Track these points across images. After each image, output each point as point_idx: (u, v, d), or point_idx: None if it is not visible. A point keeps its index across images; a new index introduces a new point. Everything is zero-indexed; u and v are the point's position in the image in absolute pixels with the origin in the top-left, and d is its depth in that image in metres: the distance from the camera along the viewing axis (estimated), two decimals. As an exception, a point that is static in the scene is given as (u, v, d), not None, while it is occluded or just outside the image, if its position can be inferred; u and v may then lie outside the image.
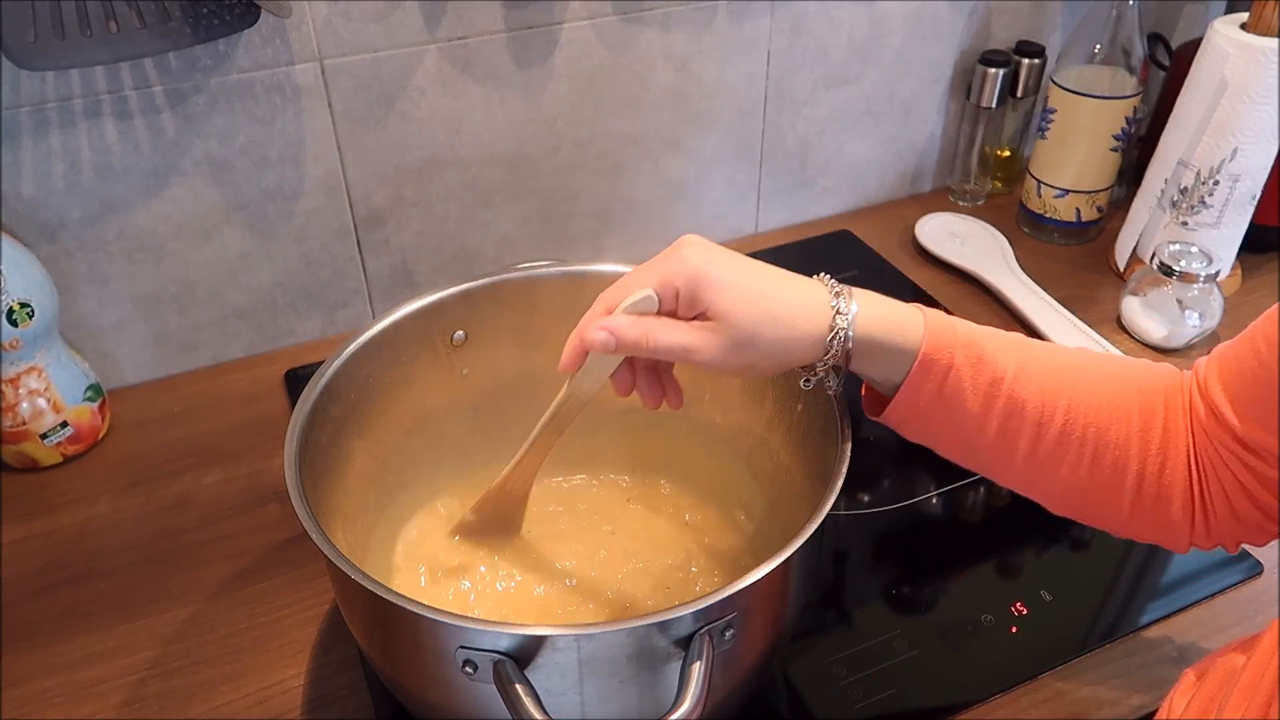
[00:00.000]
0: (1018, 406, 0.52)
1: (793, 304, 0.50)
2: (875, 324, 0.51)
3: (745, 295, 0.49)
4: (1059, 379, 0.52)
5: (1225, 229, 0.93)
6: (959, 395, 0.52)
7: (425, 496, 0.70)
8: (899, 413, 0.54)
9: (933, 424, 0.54)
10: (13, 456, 0.79)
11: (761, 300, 0.49)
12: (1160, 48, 1.11)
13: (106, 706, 0.63)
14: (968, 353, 0.51)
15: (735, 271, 0.49)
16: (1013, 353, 0.52)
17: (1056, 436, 0.52)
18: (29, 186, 0.76)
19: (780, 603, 0.53)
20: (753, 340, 0.49)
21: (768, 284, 0.50)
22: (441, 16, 0.82)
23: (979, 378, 0.51)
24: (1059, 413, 0.52)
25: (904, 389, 0.52)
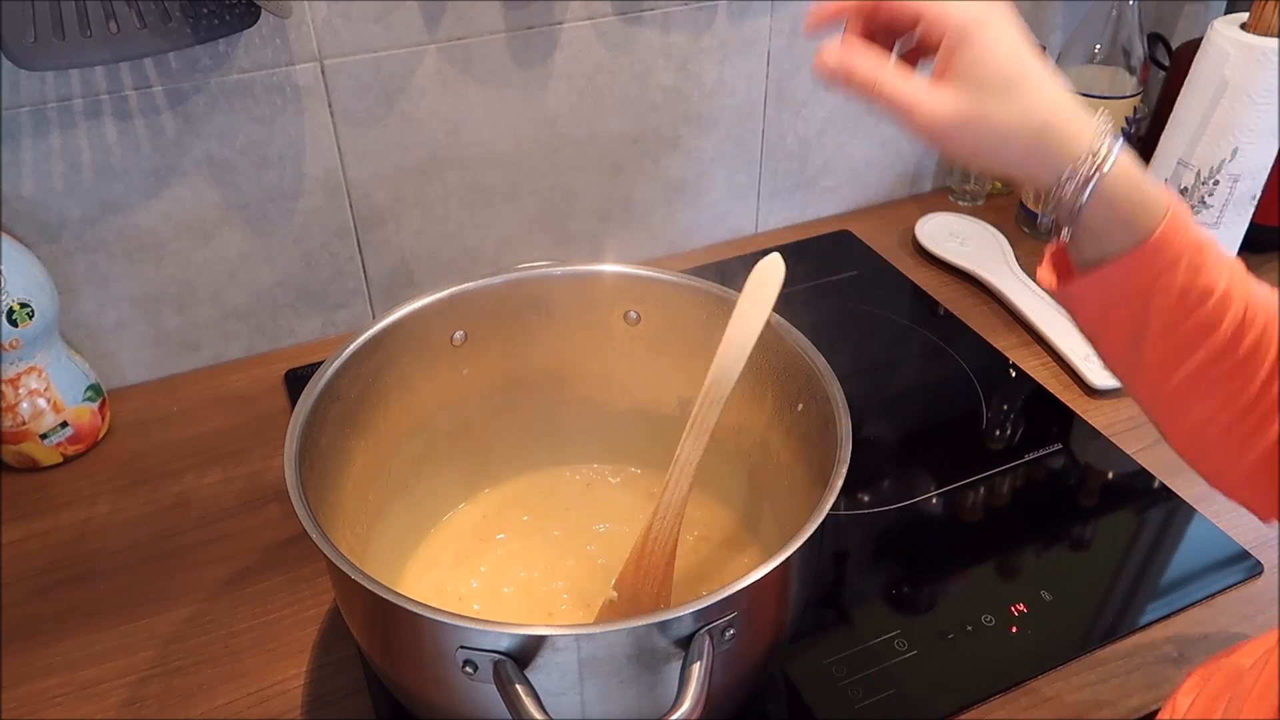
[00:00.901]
0: (1213, 326, 0.47)
1: (1048, 106, 0.45)
2: (1128, 174, 0.46)
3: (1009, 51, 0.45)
4: (1257, 309, 0.48)
5: (1225, 229, 0.93)
6: (1166, 294, 0.47)
7: (425, 496, 0.70)
8: (1094, 289, 0.49)
9: (1120, 314, 0.49)
10: (13, 456, 0.79)
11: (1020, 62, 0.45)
12: (1160, 48, 1.11)
13: (106, 706, 0.63)
14: (1193, 256, 0.47)
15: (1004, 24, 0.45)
16: (1227, 268, 0.48)
17: (1233, 367, 0.48)
18: (29, 186, 0.76)
19: (780, 603, 0.53)
20: (981, 108, 0.45)
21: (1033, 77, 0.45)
22: (441, 16, 0.82)
23: (1191, 285, 0.47)
24: (1245, 344, 0.48)
25: (1119, 264, 0.47)
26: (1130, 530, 0.75)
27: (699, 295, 0.65)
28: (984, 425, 0.85)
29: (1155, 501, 0.77)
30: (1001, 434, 0.84)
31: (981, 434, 0.84)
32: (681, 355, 0.68)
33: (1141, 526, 0.75)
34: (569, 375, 0.71)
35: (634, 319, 0.68)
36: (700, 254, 1.06)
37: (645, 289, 0.67)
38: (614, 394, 0.72)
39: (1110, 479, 0.79)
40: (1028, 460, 0.81)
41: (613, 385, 0.71)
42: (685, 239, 1.06)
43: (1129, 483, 0.79)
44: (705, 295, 0.65)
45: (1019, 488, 0.78)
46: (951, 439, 0.83)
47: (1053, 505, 0.77)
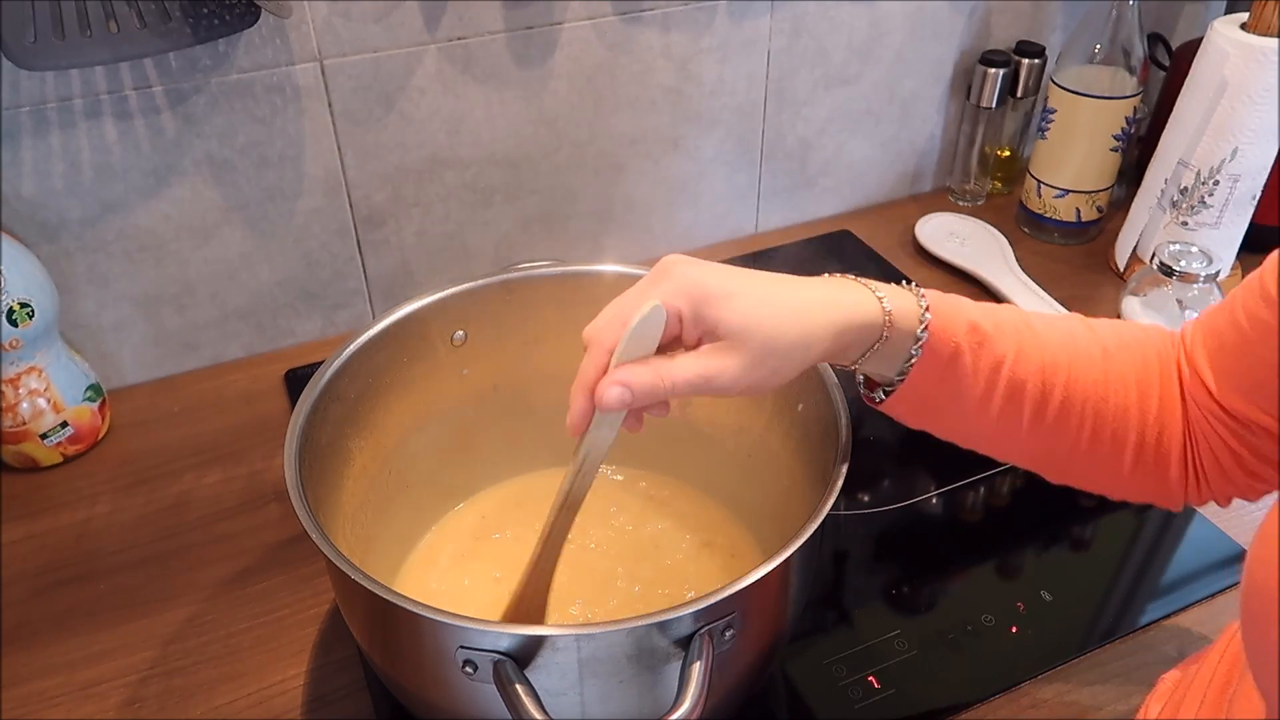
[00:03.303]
0: (1019, 387, 0.51)
1: (802, 299, 0.47)
2: (898, 304, 0.49)
3: (752, 303, 0.45)
4: (1056, 355, 0.51)
5: (1225, 229, 0.93)
6: (963, 380, 0.50)
7: (425, 496, 0.70)
8: (903, 401, 0.52)
9: (935, 409, 0.53)
10: (13, 456, 0.79)
11: (769, 305, 0.46)
12: (1160, 48, 1.11)
13: (106, 706, 0.63)
14: (971, 337, 0.50)
15: (735, 280, 0.46)
16: (1011, 332, 0.51)
17: (1056, 413, 0.51)
18: (29, 186, 0.76)
19: (780, 603, 0.53)
20: (770, 348, 0.45)
21: (770, 287, 0.47)
22: (441, 16, 0.82)
23: (981, 362, 0.50)
24: (1058, 390, 0.51)
25: (911, 377, 0.50)
26: (1130, 530, 0.75)
27: (699, 295, 0.65)
28: (984, 425, 0.85)
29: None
30: (1001, 434, 0.84)
31: (981, 434, 0.84)
32: (681, 355, 0.68)
33: (1141, 526, 0.75)
34: (569, 375, 0.70)
35: (634, 319, 0.68)
36: (700, 254, 1.06)
37: (645, 289, 0.67)
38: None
39: (1110, 479, 0.79)
40: (1028, 460, 0.80)
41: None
42: (685, 239, 1.06)
43: (1129, 483, 0.79)
44: (705, 295, 0.65)
45: (1019, 488, 0.78)
46: (951, 439, 0.83)
47: (1053, 505, 0.77)
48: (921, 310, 0.49)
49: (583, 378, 0.47)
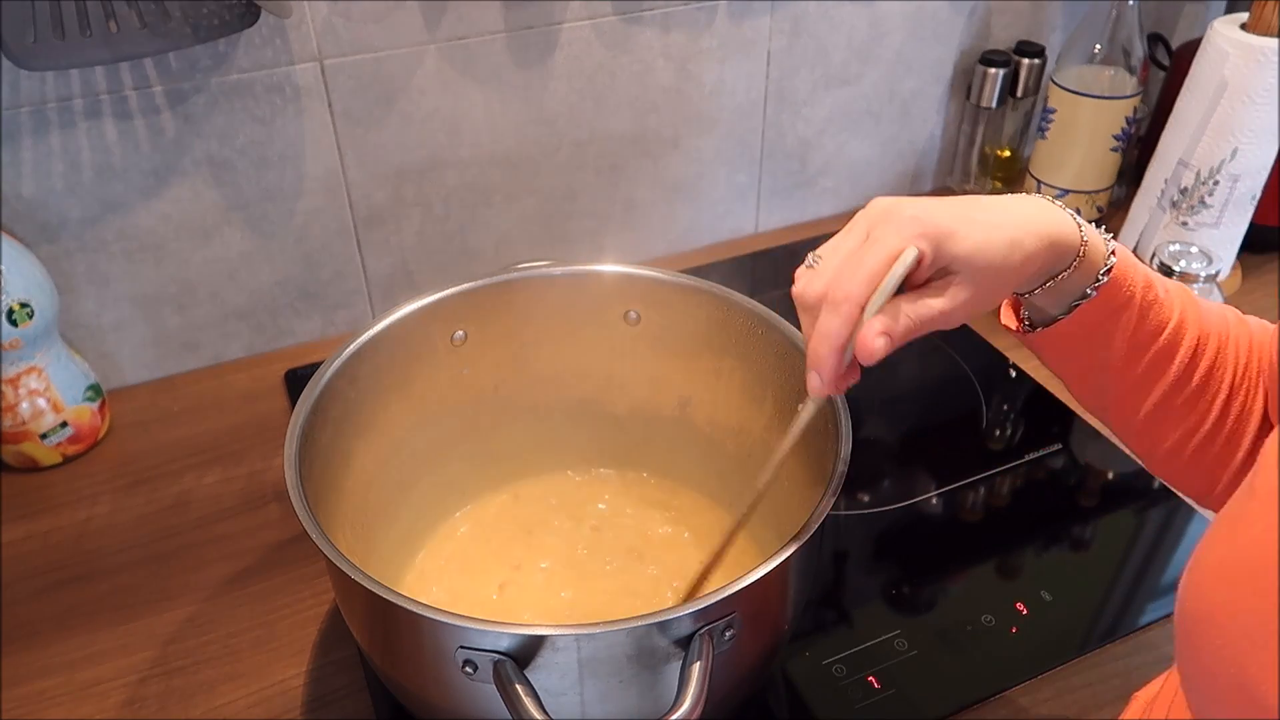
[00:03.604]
0: (1169, 355, 0.50)
1: (1016, 224, 0.46)
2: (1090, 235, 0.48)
3: (981, 235, 0.45)
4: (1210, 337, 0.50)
5: (1225, 229, 0.93)
6: (1124, 330, 0.49)
7: (425, 496, 0.70)
8: (1060, 335, 0.51)
9: (1084, 352, 0.51)
10: (13, 456, 0.79)
11: (993, 232, 0.45)
12: (1160, 48, 1.11)
13: (106, 706, 0.63)
14: (1146, 291, 0.49)
15: (957, 214, 0.45)
16: (1178, 299, 0.50)
17: (1192, 393, 0.50)
18: (29, 186, 0.76)
19: (780, 603, 0.53)
20: (998, 275, 0.45)
21: (986, 213, 0.46)
22: (441, 16, 0.82)
23: (1148, 318, 0.49)
24: (1200, 371, 0.50)
25: (1078, 312, 0.49)
26: (1130, 530, 0.75)
27: (699, 295, 0.65)
28: (984, 425, 0.85)
29: (1155, 501, 0.77)
30: (1001, 434, 0.84)
31: (981, 434, 0.84)
32: (681, 355, 0.68)
33: (1141, 526, 0.75)
34: (569, 375, 0.71)
35: (634, 319, 0.68)
36: (700, 254, 1.06)
37: (645, 289, 0.67)
38: (614, 394, 0.72)
39: (1110, 479, 0.79)
40: (1028, 460, 0.81)
41: (613, 385, 0.71)
42: (685, 239, 1.06)
43: (1129, 483, 0.79)
44: (705, 295, 0.65)
45: (1019, 488, 0.78)
46: (951, 439, 0.83)
47: (1053, 505, 0.77)
48: (1108, 252, 0.49)
49: (830, 336, 0.44)
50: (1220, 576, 0.36)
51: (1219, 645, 0.35)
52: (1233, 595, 0.35)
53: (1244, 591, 0.34)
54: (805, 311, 0.46)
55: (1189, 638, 0.37)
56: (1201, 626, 0.36)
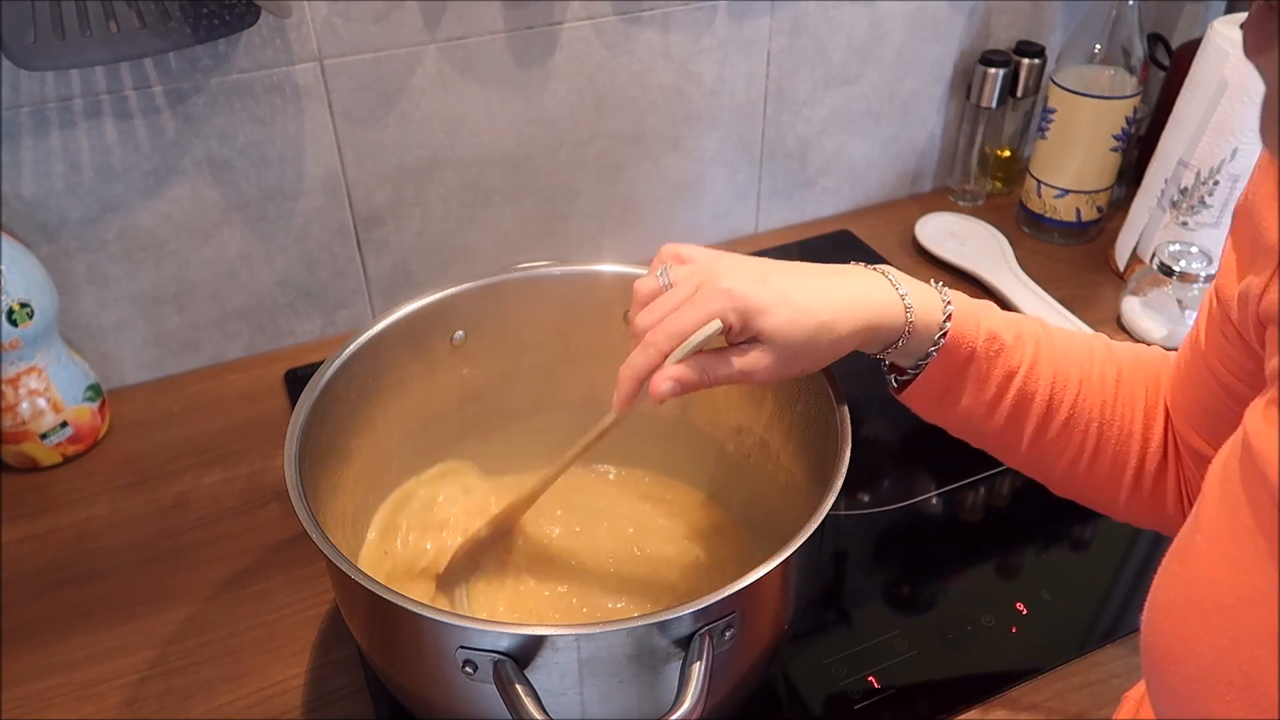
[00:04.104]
0: (1028, 398, 0.53)
1: (834, 308, 0.51)
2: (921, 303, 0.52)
3: (791, 315, 0.50)
4: (1070, 372, 0.53)
5: (1225, 229, 0.93)
6: (975, 383, 0.53)
7: (425, 496, 0.70)
8: (916, 395, 0.55)
9: (946, 408, 0.55)
10: (13, 456, 0.79)
11: (805, 315, 0.50)
12: (1160, 48, 1.11)
13: (106, 706, 0.63)
14: (989, 344, 0.53)
15: (774, 292, 0.50)
16: (1030, 344, 0.54)
17: (1060, 428, 0.53)
18: (29, 186, 0.76)
19: (780, 603, 0.53)
20: (804, 351, 0.50)
21: (806, 294, 0.51)
22: (441, 16, 0.82)
23: (995, 368, 0.53)
24: (1065, 406, 0.53)
25: (925, 371, 0.53)
26: (1130, 530, 0.75)
27: (699, 295, 0.65)
28: (984, 425, 0.85)
29: (1155, 501, 0.77)
30: (1001, 434, 0.84)
31: (981, 434, 0.84)
32: (681, 355, 0.68)
33: (1141, 526, 0.75)
34: (569, 375, 0.71)
35: (634, 319, 0.68)
36: (700, 254, 1.06)
37: (645, 289, 0.67)
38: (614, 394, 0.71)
39: (1110, 479, 0.79)
40: (1028, 460, 0.80)
41: (613, 385, 0.71)
42: (685, 239, 1.05)
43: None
44: (705, 295, 0.65)
45: (1019, 488, 0.78)
46: (951, 439, 0.83)
47: (1053, 505, 0.76)
48: (943, 317, 0.52)
49: (635, 368, 0.51)
50: (1173, 615, 0.36)
51: (1180, 682, 0.35)
52: (1187, 633, 0.35)
53: (1196, 629, 0.35)
54: (633, 339, 0.52)
55: (1153, 672, 0.38)
56: (1163, 663, 0.36)
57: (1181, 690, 0.35)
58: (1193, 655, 0.34)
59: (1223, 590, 0.34)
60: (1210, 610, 0.34)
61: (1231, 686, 0.32)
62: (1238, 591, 0.33)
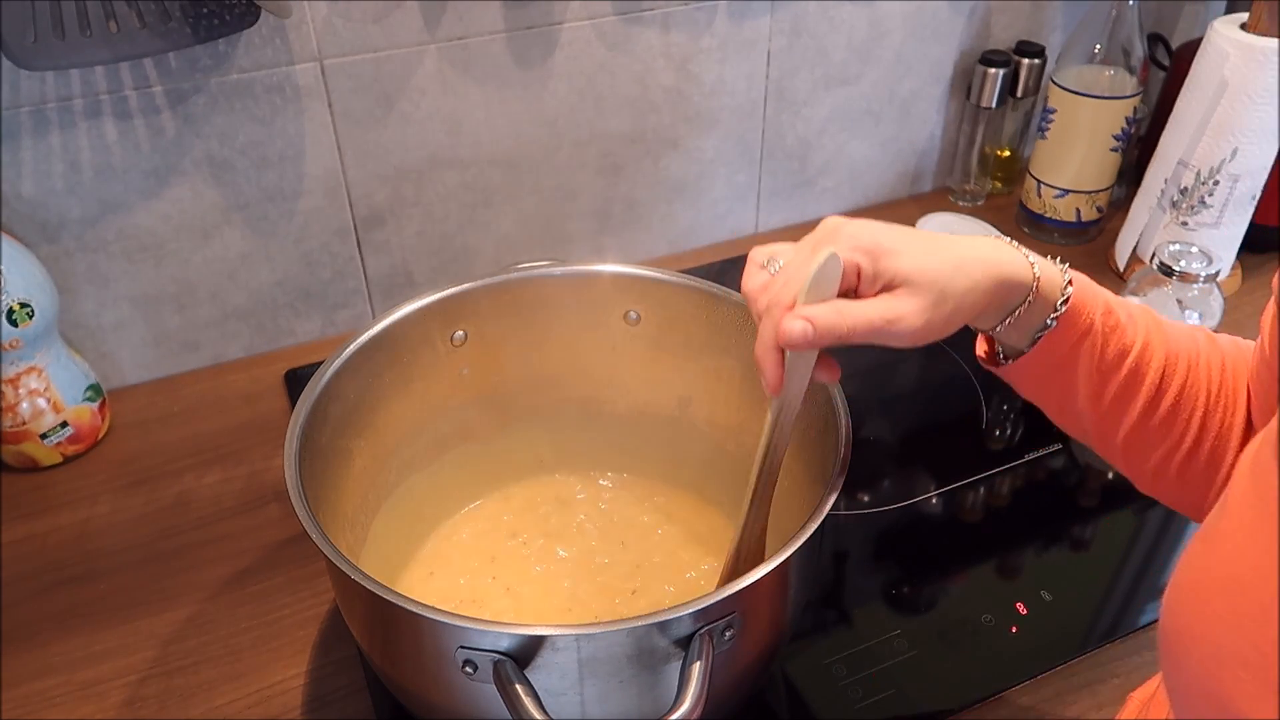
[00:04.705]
0: (1139, 379, 0.51)
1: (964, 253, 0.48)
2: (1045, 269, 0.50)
3: (924, 255, 0.46)
4: (1179, 357, 0.51)
5: (1225, 229, 0.93)
6: (1088, 358, 0.51)
7: (426, 496, 0.70)
8: (1026, 369, 0.52)
9: (1053, 382, 0.52)
10: (13, 456, 0.79)
11: (937, 256, 0.47)
12: (1160, 48, 1.11)
13: (106, 706, 0.63)
14: (1106, 318, 0.50)
15: (902, 236, 0.47)
16: (1143, 324, 0.51)
17: (1165, 415, 0.51)
18: (29, 186, 0.76)
19: (780, 603, 0.53)
20: (944, 295, 0.46)
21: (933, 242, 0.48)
22: (441, 16, 0.82)
23: (1110, 344, 0.50)
24: (1172, 392, 0.51)
25: (1041, 344, 0.50)
26: (1130, 530, 0.75)
27: (699, 295, 0.65)
28: (984, 425, 0.85)
29: (1155, 501, 0.76)
30: (1001, 434, 0.84)
31: (981, 434, 0.84)
32: (681, 355, 0.68)
33: (1141, 526, 0.75)
34: (569, 375, 0.71)
35: (634, 319, 0.68)
36: (700, 254, 1.06)
37: (645, 289, 0.67)
38: (614, 394, 0.72)
39: (1110, 479, 0.79)
40: (1028, 460, 0.80)
41: (613, 385, 0.71)
42: (685, 239, 1.06)
43: (1129, 483, 0.78)
44: (705, 295, 0.65)
45: (1019, 488, 0.78)
46: (951, 439, 0.83)
47: (1053, 505, 0.77)
48: (1065, 283, 0.50)
49: (764, 339, 0.47)
50: (1195, 594, 0.36)
51: (1195, 661, 0.35)
52: (1207, 612, 0.35)
53: (1218, 609, 0.35)
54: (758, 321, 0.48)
55: (1169, 653, 0.37)
56: (1179, 643, 0.36)
57: (1199, 672, 0.35)
58: (1213, 637, 0.35)
59: (1246, 572, 0.34)
60: (1233, 592, 0.34)
61: (1248, 666, 0.33)
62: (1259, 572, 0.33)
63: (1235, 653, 0.33)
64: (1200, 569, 0.37)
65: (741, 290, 0.50)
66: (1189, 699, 0.36)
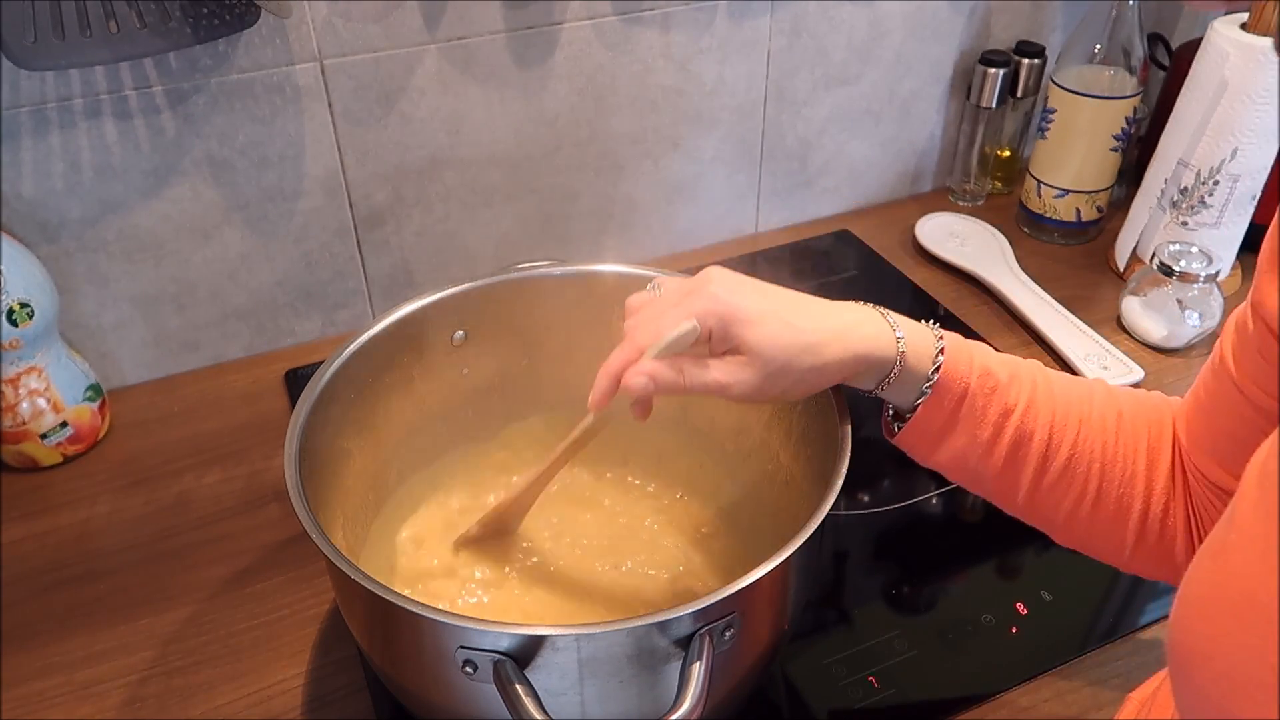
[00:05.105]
0: (1026, 438, 0.52)
1: (821, 332, 0.50)
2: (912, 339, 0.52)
3: (775, 329, 0.49)
4: (1069, 413, 0.52)
5: (1225, 229, 0.93)
6: (970, 420, 0.52)
7: (425, 496, 0.70)
8: (911, 436, 0.54)
9: (942, 449, 0.54)
10: (13, 456, 0.79)
11: (790, 331, 0.50)
12: (1160, 48, 1.11)
13: (106, 706, 0.63)
14: (983, 381, 0.52)
15: (763, 305, 0.50)
16: (1026, 383, 0.53)
17: (1060, 470, 0.52)
18: (29, 186, 0.76)
19: (780, 603, 0.53)
20: (785, 370, 0.49)
21: (795, 314, 0.51)
22: (441, 16, 0.82)
23: (990, 406, 0.52)
24: (1064, 447, 0.52)
25: (920, 410, 0.53)
26: (1130, 530, 0.75)
27: (699, 295, 0.65)
28: (984, 425, 0.85)
29: (1155, 501, 0.77)
30: (1001, 434, 0.84)
31: (981, 434, 0.84)
32: (681, 355, 0.68)
33: (1141, 526, 0.75)
34: (569, 375, 0.71)
35: (634, 319, 0.68)
36: (700, 254, 1.06)
37: (645, 289, 0.67)
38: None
39: (1110, 479, 0.79)
40: (1028, 460, 0.80)
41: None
42: (685, 239, 1.06)
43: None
44: (705, 295, 0.65)
45: (1019, 488, 0.78)
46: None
47: (1053, 505, 0.77)
48: (935, 352, 0.52)
49: (612, 364, 0.51)
50: (1203, 611, 0.36)
51: (1205, 678, 0.35)
52: (1215, 630, 0.35)
53: (1227, 627, 0.34)
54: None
55: (1177, 668, 0.37)
56: (1188, 660, 0.36)
57: (1209, 689, 0.35)
58: (1222, 653, 0.34)
59: (1257, 588, 0.33)
60: (1242, 608, 0.34)
61: (1262, 686, 0.32)
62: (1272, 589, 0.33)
63: (1246, 670, 0.33)
64: (1209, 583, 0.36)
65: (626, 303, 0.55)
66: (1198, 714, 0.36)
